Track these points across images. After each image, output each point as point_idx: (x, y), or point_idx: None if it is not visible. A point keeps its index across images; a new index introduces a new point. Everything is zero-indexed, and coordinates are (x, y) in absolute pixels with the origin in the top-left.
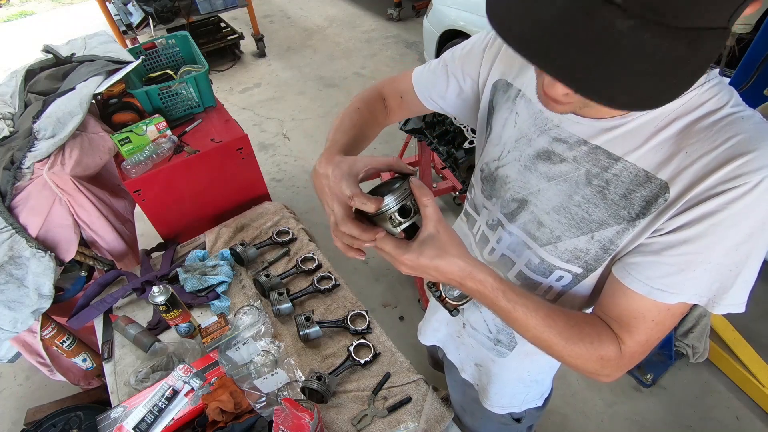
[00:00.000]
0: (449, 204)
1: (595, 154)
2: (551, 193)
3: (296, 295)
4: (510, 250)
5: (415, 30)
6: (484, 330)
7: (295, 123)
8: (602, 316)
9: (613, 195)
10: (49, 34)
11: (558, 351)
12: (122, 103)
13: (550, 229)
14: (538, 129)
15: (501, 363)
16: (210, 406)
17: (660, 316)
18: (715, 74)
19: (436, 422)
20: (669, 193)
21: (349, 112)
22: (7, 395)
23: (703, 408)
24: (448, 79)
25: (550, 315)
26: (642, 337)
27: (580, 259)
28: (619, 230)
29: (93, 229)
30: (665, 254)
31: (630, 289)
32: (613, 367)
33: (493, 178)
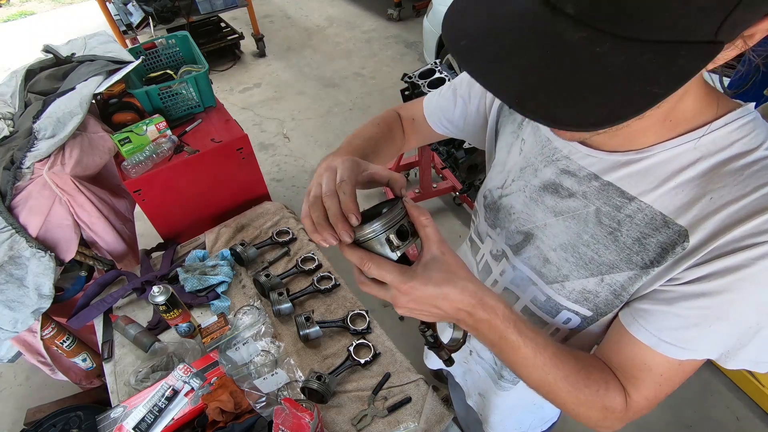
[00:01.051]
0: (449, 204)
1: (607, 192)
2: (558, 229)
3: (296, 295)
4: (514, 285)
5: (415, 30)
6: (490, 361)
7: (295, 123)
8: (606, 363)
9: (626, 238)
10: (49, 34)
11: (561, 396)
12: (122, 103)
13: (557, 267)
14: (545, 159)
15: (504, 396)
16: (210, 406)
17: (669, 371)
18: (750, 109)
19: (436, 422)
20: (688, 241)
21: (368, 125)
22: (7, 395)
23: (703, 408)
24: (456, 101)
25: (557, 355)
26: (650, 393)
27: (590, 301)
28: (632, 276)
29: (93, 229)
30: (679, 306)
31: (636, 338)
32: (616, 420)
33: (497, 207)
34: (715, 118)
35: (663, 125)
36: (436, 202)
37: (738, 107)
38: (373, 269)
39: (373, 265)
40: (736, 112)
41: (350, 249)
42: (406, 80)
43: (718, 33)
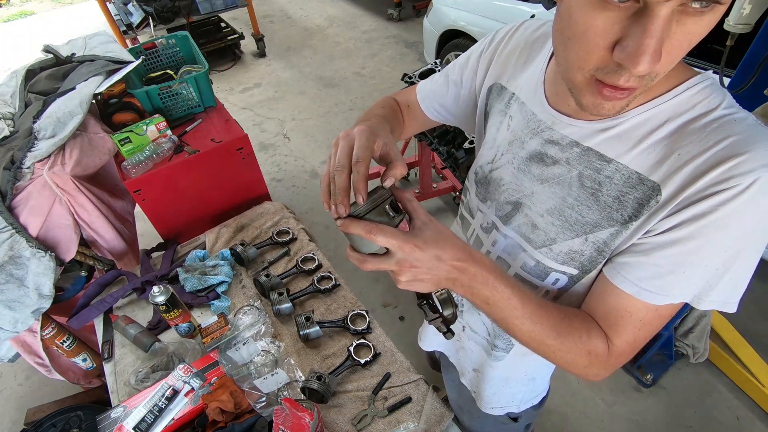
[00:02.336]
0: (449, 204)
1: (588, 156)
2: (545, 196)
3: (296, 295)
4: (505, 253)
5: (415, 30)
6: (483, 333)
7: (295, 123)
8: (589, 314)
9: (606, 197)
10: (49, 34)
11: (549, 344)
12: (122, 103)
13: (545, 231)
14: (531, 131)
15: (498, 366)
16: (210, 406)
17: (648, 316)
18: (708, 75)
19: (436, 422)
20: (661, 195)
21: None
22: (7, 395)
23: (703, 408)
24: (448, 87)
25: (541, 306)
26: (630, 337)
27: (575, 260)
28: (613, 232)
29: (93, 229)
30: (655, 255)
31: (619, 288)
32: (601, 365)
33: (487, 180)
34: (679, 83)
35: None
36: (436, 202)
37: (696, 74)
38: (379, 236)
39: (378, 232)
40: (696, 78)
41: (354, 222)
42: (406, 80)
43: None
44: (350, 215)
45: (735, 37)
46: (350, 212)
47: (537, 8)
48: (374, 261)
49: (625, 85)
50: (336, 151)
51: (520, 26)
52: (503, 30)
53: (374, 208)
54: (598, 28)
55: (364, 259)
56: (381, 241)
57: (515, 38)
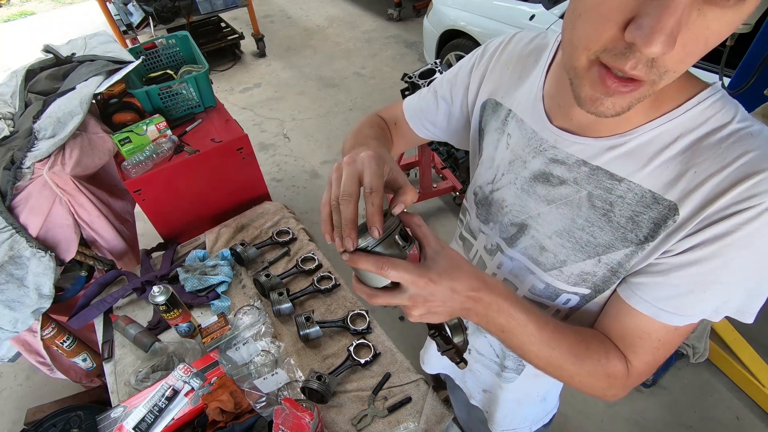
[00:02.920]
0: (449, 204)
1: (597, 176)
2: (552, 217)
3: (296, 295)
4: (512, 275)
5: (415, 30)
6: (491, 355)
7: (295, 123)
8: (604, 334)
9: (619, 218)
10: (49, 34)
11: (568, 369)
12: (122, 103)
13: (554, 253)
14: (533, 150)
15: (509, 388)
16: (210, 406)
17: (666, 336)
18: (718, 87)
19: (436, 422)
20: (678, 214)
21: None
22: (7, 395)
23: (703, 408)
24: (438, 103)
25: (558, 329)
26: (648, 357)
27: (588, 281)
28: (628, 253)
29: (93, 229)
30: (674, 275)
31: (635, 309)
32: (620, 386)
33: (488, 202)
34: (689, 97)
35: (652, 105)
36: (436, 202)
37: (706, 86)
38: (390, 271)
39: (390, 267)
40: (706, 91)
41: (362, 257)
42: (406, 80)
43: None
44: (358, 249)
45: (735, 37)
46: (358, 245)
47: (537, 8)
48: (385, 296)
49: (631, 72)
50: (338, 176)
51: (512, 39)
52: (494, 43)
53: (384, 240)
54: (614, 1)
55: (374, 294)
56: (393, 276)
57: (507, 51)
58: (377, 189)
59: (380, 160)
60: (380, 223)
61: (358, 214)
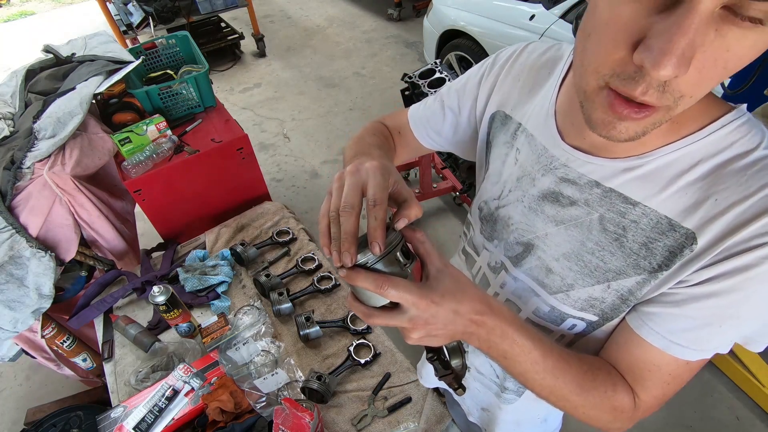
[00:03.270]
0: (449, 204)
1: (610, 198)
2: (560, 239)
3: (296, 295)
4: (515, 296)
5: (415, 30)
6: (491, 375)
7: (295, 123)
8: (612, 364)
9: (632, 243)
10: (49, 34)
11: (572, 400)
12: (122, 103)
13: (561, 276)
14: (543, 168)
15: (509, 409)
16: (210, 406)
17: (678, 370)
18: (743, 110)
19: (436, 422)
20: (696, 243)
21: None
22: (7, 395)
23: (703, 408)
24: (444, 113)
25: (564, 358)
26: (658, 392)
27: (596, 307)
28: (640, 281)
29: (94, 228)
30: (690, 307)
31: (645, 341)
32: (626, 420)
33: (494, 218)
34: (712, 120)
35: (671, 127)
36: (436, 202)
37: (731, 109)
38: (390, 290)
39: (390, 286)
40: (731, 114)
41: (360, 273)
42: (406, 80)
43: None
44: (356, 265)
45: None
46: (357, 261)
47: (537, 8)
48: (383, 317)
49: (642, 98)
50: (339, 186)
51: (525, 49)
52: (505, 53)
53: (385, 256)
54: (622, 19)
55: (371, 314)
56: (393, 296)
57: (519, 62)
58: (381, 202)
59: (385, 172)
60: (383, 238)
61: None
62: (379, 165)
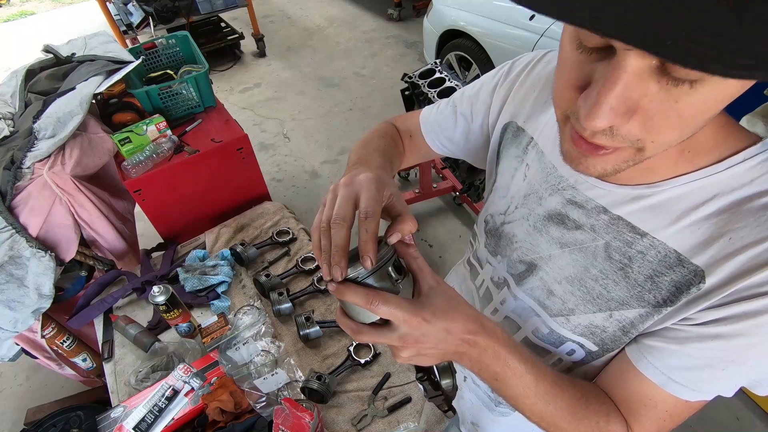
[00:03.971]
0: (449, 204)
1: (617, 226)
2: (564, 262)
3: (296, 295)
4: (515, 314)
5: (415, 30)
6: (485, 387)
7: (295, 123)
8: (608, 393)
9: (637, 275)
10: (49, 34)
11: (562, 427)
12: (122, 103)
13: (562, 300)
14: (551, 187)
15: (502, 422)
16: (210, 406)
17: (675, 408)
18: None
19: (436, 422)
20: (704, 282)
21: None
22: (7, 395)
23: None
24: (456, 119)
25: (557, 383)
26: (652, 427)
27: (596, 335)
28: (642, 314)
29: (93, 229)
30: (692, 346)
31: (643, 374)
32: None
33: (498, 234)
34: (733, 152)
35: (681, 156)
36: (436, 202)
37: (756, 141)
38: (381, 306)
39: (381, 302)
40: (755, 147)
41: (350, 288)
42: (406, 80)
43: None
44: (347, 279)
45: None
46: (347, 275)
47: None
48: (372, 334)
49: (591, 140)
50: (333, 197)
51: (542, 59)
52: (521, 61)
53: (376, 271)
54: (573, 63)
55: (359, 330)
56: (384, 312)
57: (535, 72)
58: (373, 215)
59: (380, 184)
60: (374, 252)
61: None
62: (374, 176)
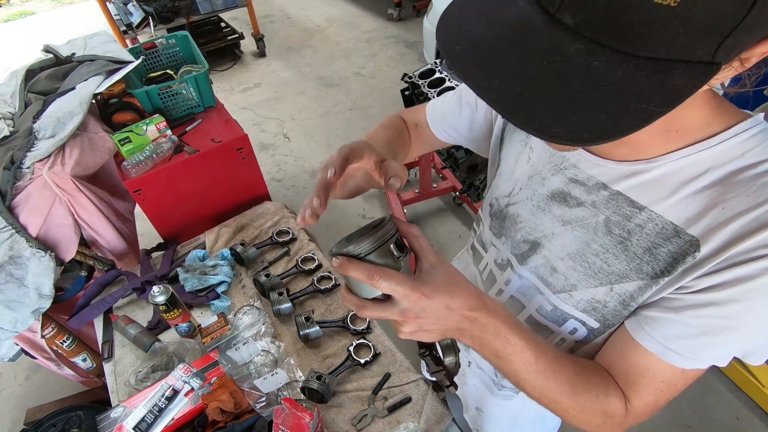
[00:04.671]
0: (449, 204)
1: (617, 201)
2: (566, 239)
3: (296, 295)
4: (520, 294)
5: (415, 30)
6: (489, 371)
7: (295, 123)
8: (607, 368)
9: (636, 247)
10: (49, 34)
11: (562, 402)
12: (122, 103)
13: (565, 276)
14: (553, 167)
15: (506, 405)
16: (210, 406)
17: (672, 378)
18: (759, 119)
19: (436, 422)
20: (699, 251)
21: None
22: (7, 395)
23: (703, 408)
24: (461, 108)
25: (558, 359)
26: (650, 399)
27: (598, 311)
28: (642, 286)
29: (93, 229)
30: (687, 314)
31: (642, 345)
32: (616, 426)
33: (503, 215)
34: (725, 128)
35: (668, 135)
36: (436, 202)
37: (747, 117)
38: (382, 282)
39: (381, 278)
40: (745, 123)
41: (353, 263)
42: (406, 80)
43: (715, 54)
44: (350, 255)
45: None
46: (350, 252)
47: None
48: (374, 308)
49: None
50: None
51: None
52: None
53: (378, 248)
54: None
55: (362, 305)
56: (385, 287)
57: None
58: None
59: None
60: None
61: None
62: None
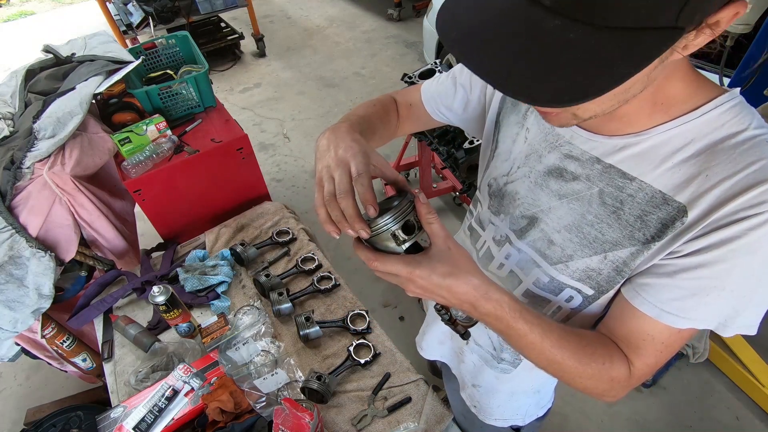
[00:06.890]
0: (449, 204)
1: (609, 174)
2: (563, 212)
3: (296, 295)
4: (518, 267)
5: (415, 30)
6: (488, 347)
7: (295, 123)
8: (608, 336)
9: (628, 216)
10: (49, 34)
11: (569, 372)
12: (122, 103)
13: (561, 247)
14: (549, 145)
15: (505, 379)
16: (210, 406)
17: (670, 339)
18: (736, 93)
19: (436, 422)
20: (687, 216)
21: (363, 105)
22: (7, 395)
23: (703, 408)
24: (456, 90)
25: (563, 336)
26: (651, 360)
27: (592, 279)
28: (634, 252)
29: (94, 229)
30: (679, 277)
31: (639, 310)
32: (621, 388)
33: (502, 194)
34: (705, 101)
35: (654, 109)
36: (436, 202)
37: (724, 92)
38: (379, 267)
39: (378, 263)
40: (723, 96)
41: (359, 247)
42: (406, 80)
43: (678, 19)
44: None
45: (734, 38)
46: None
47: None
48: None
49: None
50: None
51: None
52: None
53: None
54: None
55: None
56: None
57: None
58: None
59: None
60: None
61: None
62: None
